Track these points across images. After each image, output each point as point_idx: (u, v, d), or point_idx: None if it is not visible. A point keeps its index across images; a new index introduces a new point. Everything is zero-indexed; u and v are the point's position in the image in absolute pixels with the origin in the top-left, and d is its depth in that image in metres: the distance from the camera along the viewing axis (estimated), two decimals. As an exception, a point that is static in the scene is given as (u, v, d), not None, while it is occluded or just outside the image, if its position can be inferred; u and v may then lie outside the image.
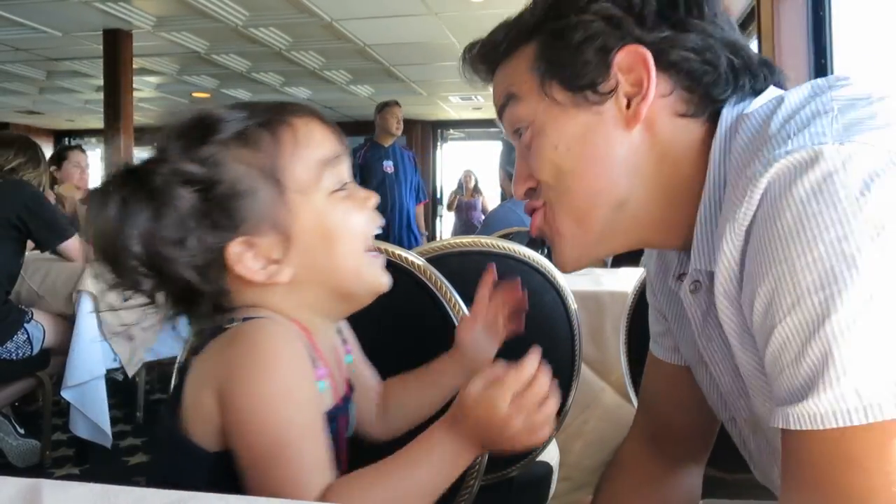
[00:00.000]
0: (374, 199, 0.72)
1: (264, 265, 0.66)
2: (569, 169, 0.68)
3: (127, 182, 0.64)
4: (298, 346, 0.64)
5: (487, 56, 0.77)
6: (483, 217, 7.59)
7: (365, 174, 4.70)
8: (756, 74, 0.68)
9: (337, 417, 0.71)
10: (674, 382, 0.87)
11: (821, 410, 0.50)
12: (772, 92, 0.68)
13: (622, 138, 0.67)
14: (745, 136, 0.63)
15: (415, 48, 6.35)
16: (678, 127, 0.67)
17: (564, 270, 0.75)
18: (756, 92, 0.67)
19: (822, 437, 0.50)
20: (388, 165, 4.80)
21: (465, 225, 8.30)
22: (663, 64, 0.65)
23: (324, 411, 0.67)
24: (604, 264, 3.70)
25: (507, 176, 3.33)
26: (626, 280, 1.83)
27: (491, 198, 8.36)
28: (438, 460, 0.64)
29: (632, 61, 0.65)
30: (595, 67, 0.66)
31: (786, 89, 0.68)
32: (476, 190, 8.59)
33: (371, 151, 4.86)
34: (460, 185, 8.74)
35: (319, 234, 0.67)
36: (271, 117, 0.68)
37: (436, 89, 8.32)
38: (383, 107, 4.91)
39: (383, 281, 0.72)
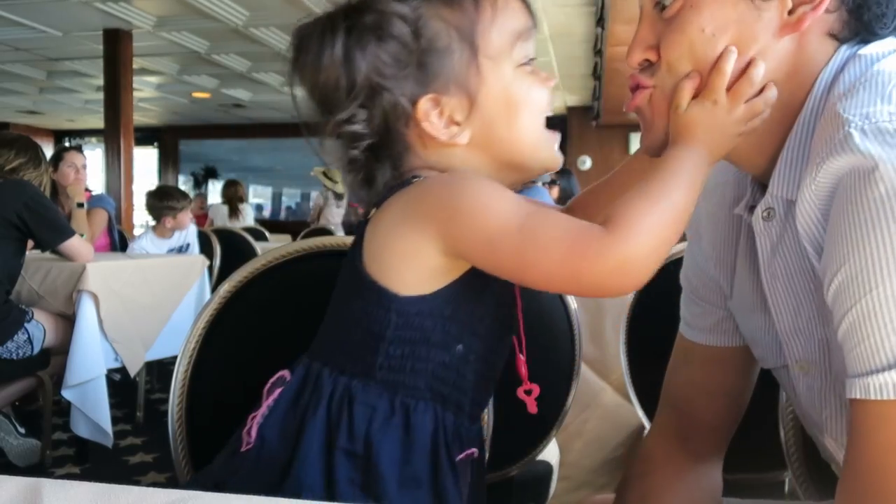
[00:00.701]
0: (554, 80, 0.73)
1: (447, 125, 0.67)
2: (705, 58, 0.64)
3: (349, 15, 0.67)
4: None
5: None
6: None
7: None
8: None
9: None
10: (706, 367, 0.87)
11: None
12: (891, 40, 0.65)
13: (769, 43, 0.64)
14: (851, 76, 0.61)
15: (415, 48, 6.35)
16: (822, 47, 0.64)
17: (653, 150, 0.70)
18: (887, 32, 0.65)
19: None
20: None
21: None
22: None
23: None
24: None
25: None
26: (626, 280, 1.83)
27: None
28: (687, 179, 0.63)
29: None
30: None
31: None
32: None
33: None
34: None
35: (504, 103, 0.68)
36: None
37: (436, 89, 8.33)
38: None
39: (558, 158, 0.73)
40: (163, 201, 3.89)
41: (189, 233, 3.98)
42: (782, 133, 0.65)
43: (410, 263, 0.65)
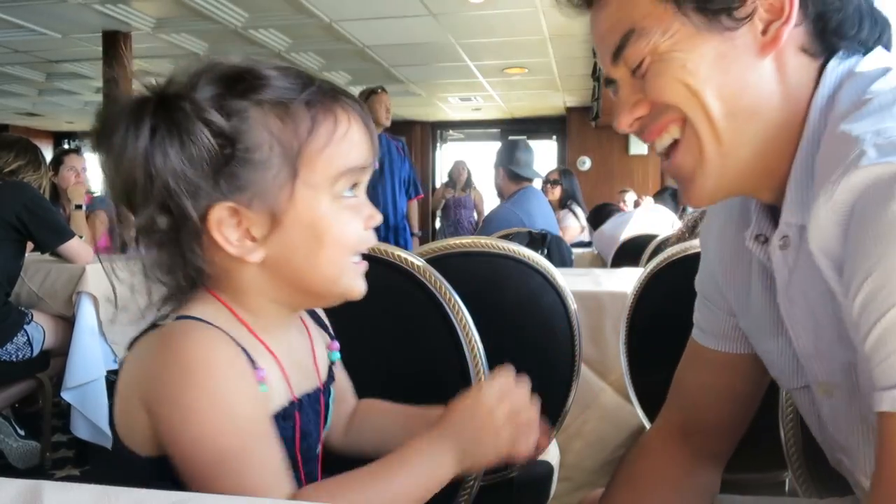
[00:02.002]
0: (377, 219, 0.68)
1: (240, 238, 0.62)
2: (701, 86, 0.64)
3: (156, 110, 0.61)
4: (228, 350, 0.61)
5: None
6: (475, 217, 7.07)
7: None
8: (877, 22, 0.66)
9: (297, 412, 0.68)
10: (716, 372, 0.86)
11: None
12: (879, 53, 0.66)
13: (754, 65, 0.64)
14: (850, 95, 0.62)
15: (414, 49, 6.35)
16: (800, 63, 0.65)
17: (701, 204, 0.71)
18: (866, 48, 0.66)
19: None
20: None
21: (453, 226, 7.07)
22: None
23: (271, 412, 0.64)
24: (603, 264, 3.71)
25: (507, 174, 3.33)
26: (625, 280, 1.83)
27: (487, 195, 7.32)
28: (418, 471, 0.63)
29: None
30: None
31: (889, 48, 0.68)
32: (468, 184, 7.28)
33: None
34: (451, 179, 7.37)
35: (309, 234, 0.64)
36: (318, 99, 0.64)
37: (435, 90, 8.32)
38: (369, 94, 4.26)
39: (359, 289, 0.68)
40: None
41: None
42: (787, 159, 0.66)
43: (129, 420, 0.62)
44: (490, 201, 6.96)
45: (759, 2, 0.63)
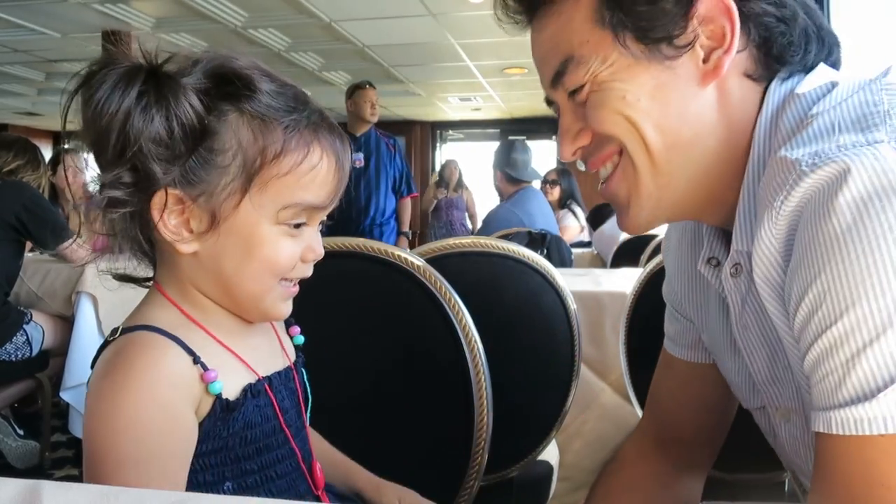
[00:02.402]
0: (317, 254, 0.69)
1: (178, 226, 0.64)
2: (640, 119, 0.63)
3: (148, 77, 0.62)
4: (169, 369, 0.62)
5: (530, 3, 0.70)
6: (467, 218, 6.87)
7: None
8: (823, 42, 0.65)
9: (268, 388, 0.69)
10: (687, 382, 0.86)
11: (870, 415, 0.49)
12: (822, 71, 0.65)
13: (695, 94, 0.63)
14: (792, 118, 0.61)
15: (414, 49, 6.35)
16: (743, 89, 0.64)
17: (635, 231, 0.71)
18: (807, 68, 0.65)
19: (866, 443, 0.49)
20: (358, 159, 4.06)
21: (445, 227, 6.73)
22: (742, 15, 0.62)
23: (234, 394, 0.66)
24: (603, 264, 3.71)
25: (504, 177, 3.33)
26: (625, 280, 1.83)
27: (478, 195, 7.22)
28: None
29: (714, 12, 0.61)
30: (673, 18, 0.62)
31: (838, 66, 0.67)
32: (460, 185, 6.94)
33: None
34: (442, 179, 6.99)
35: (241, 245, 0.65)
36: (298, 127, 0.65)
37: (435, 90, 8.32)
38: (354, 90, 4.13)
39: (281, 312, 0.70)
40: None
41: None
42: (733, 186, 0.65)
43: None
44: (484, 202, 6.81)
45: (699, 30, 0.62)
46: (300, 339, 0.80)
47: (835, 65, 0.67)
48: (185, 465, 0.63)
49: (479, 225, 5.83)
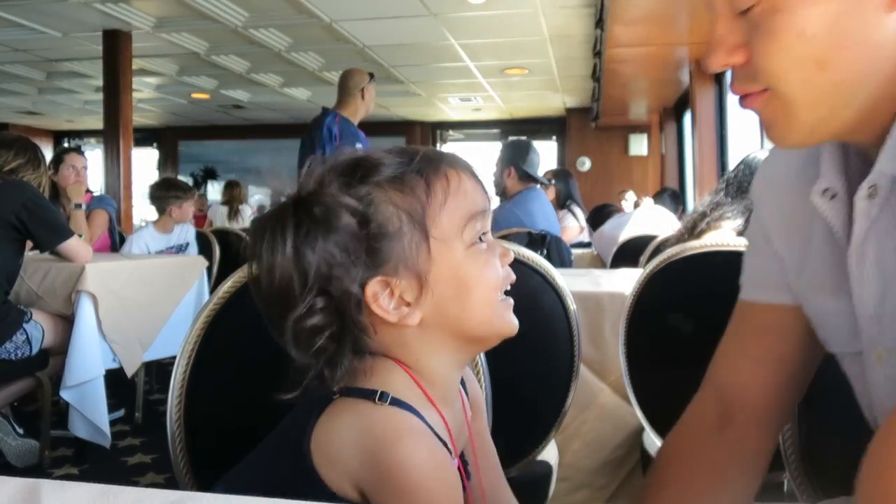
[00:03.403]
0: (511, 255, 0.73)
1: (397, 306, 0.67)
2: (814, 59, 0.58)
3: (297, 210, 0.66)
4: (441, 459, 0.65)
5: None
6: None
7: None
8: None
9: (461, 469, 0.72)
10: (762, 334, 0.80)
11: None
12: None
13: (881, 22, 0.57)
14: None
15: (414, 49, 6.35)
16: None
17: (786, 146, 0.66)
18: None
19: None
20: (363, 145, 3.58)
21: None
22: None
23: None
24: (603, 265, 3.71)
25: (518, 173, 3.31)
26: (624, 281, 1.83)
27: None
28: None
29: None
30: None
31: None
32: None
33: (346, 127, 3.60)
34: None
35: (455, 284, 0.68)
36: (426, 166, 0.69)
37: (435, 90, 8.32)
38: (371, 78, 3.78)
39: (512, 325, 0.73)
40: (169, 191, 3.93)
41: (188, 232, 3.99)
42: (887, 104, 0.60)
43: (342, 478, 0.65)
44: None
45: None
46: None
47: None
48: None
49: None
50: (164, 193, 3.92)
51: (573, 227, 4.81)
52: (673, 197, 5.44)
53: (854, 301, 0.67)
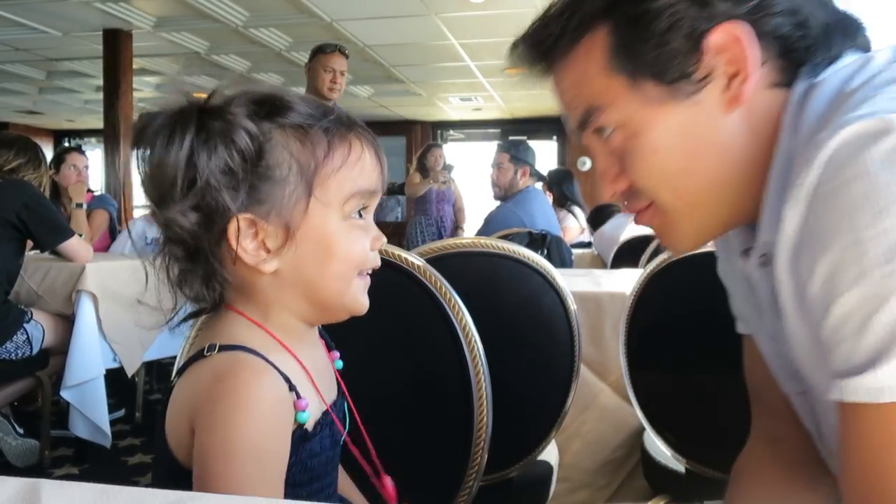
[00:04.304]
0: (383, 240, 0.73)
1: (256, 249, 0.66)
2: (675, 169, 0.64)
3: (200, 115, 0.66)
4: (275, 391, 0.64)
5: (545, 52, 0.69)
6: (454, 216, 5.86)
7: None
8: (846, 31, 0.64)
9: (329, 423, 0.71)
10: (760, 358, 0.81)
11: (880, 384, 0.49)
12: (849, 58, 0.63)
13: (724, 123, 0.63)
14: (819, 104, 0.60)
15: (414, 49, 6.35)
16: (769, 99, 0.63)
17: (683, 251, 0.72)
18: (832, 59, 0.63)
19: (881, 411, 0.50)
20: None
21: (434, 225, 5.55)
22: (756, 35, 0.60)
23: (310, 426, 0.68)
24: (603, 265, 3.71)
25: (531, 172, 3.32)
26: (624, 281, 1.83)
27: (477, 196, 5.97)
28: None
29: (725, 41, 0.60)
30: (686, 55, 0.61)
31: (869, 47, 0.65)
32: (447, 174, 5.59)
33: None
34: (423, 167, 5.53)
35: (319, 247, 0.68)
36: (335, 127, 0.69)
37: (435, 90, 8.32)
38: (314, 54, 3.24)
39: (363, 304, 0.73)
40: None
41: None
42: (758, 188, 0.64)
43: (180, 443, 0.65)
44: (474, 197, 6.13)
45: (715, 60, 0.61)
46: (339, 364, 0.81)
47: (865, 47, 0.66)
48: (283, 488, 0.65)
49: (465, 219, 5.69)
50: None
51: (573, 227, 4.80)
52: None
53: (788, 350, 0.69)
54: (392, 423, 1.07)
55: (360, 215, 0.70)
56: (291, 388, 0.65)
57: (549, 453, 1.41)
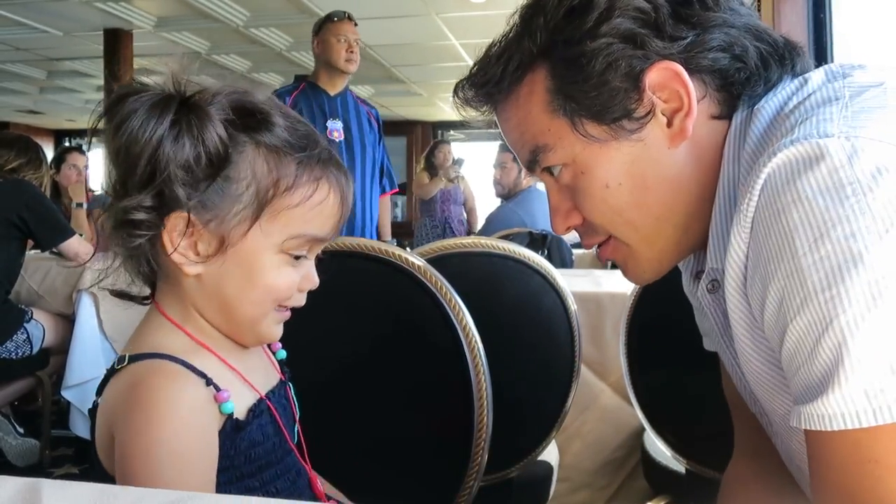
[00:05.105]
0: (313, 285, 0.71)
1: (185, 249, 0.66)
2: (625, 204, 0.65)
3: (181, 105, 0.65)
4: (189, 396, 0.64)
5: (488, 95, 0.71)
6: (464, 215, 5.70)
7: None
8: (783, 59, 0.65)
9: (270, 406, 0.71)
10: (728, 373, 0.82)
11: (830, 411, 0.49)
12: (787, 84, 0.65)
13: (669, 157, 0.64)
14: (757, 130, 0.61)
15: (415, 49, 6.35)
16: (712, 129, 0.65)
17: (645, 282, 0.73)
18: (771, 86, 0.65)
19: (837, 438, 0.50)
20: (336, 129, 2.74)
21: (440, 226, 5.32)
22: (693, 70, 0.62)
23: (242, 413, 0.68)
24: (604, 265, 3.71)
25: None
26: (625, 281, 1.83)
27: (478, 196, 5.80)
28: None
29: (664, 78, 0.62)
30: (625, 94, 0.62)
31: (809, 70, 0.66)
32: (456, 173, 5.39)
33: (307, 100, 2.73)
34: (431, 166, 5.34)
35: (246, 270, 0.67)
36: (309, 163, 0.67)
37: (436, 90, 8.32)
38: (322, 24, 2.88)
39: (274, 335, 0.72)
40: None
41: None
42: (708, 212, 0.65)
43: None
44: (481, 196, 5.70)
45: (655, 97, 0.62)
46: (282, 354, 0.81)
47: (803, 71, 0.67)
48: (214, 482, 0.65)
49: (479, 219, 5.48)
50: None
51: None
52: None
53: (745, 374, 0.70)
54: (392, 423, 1.07)
55: (298, 256, 0.69)
56: (209, 383, 0.65)
57: (550, 453, 1.41)
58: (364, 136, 2.84)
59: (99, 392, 0.68)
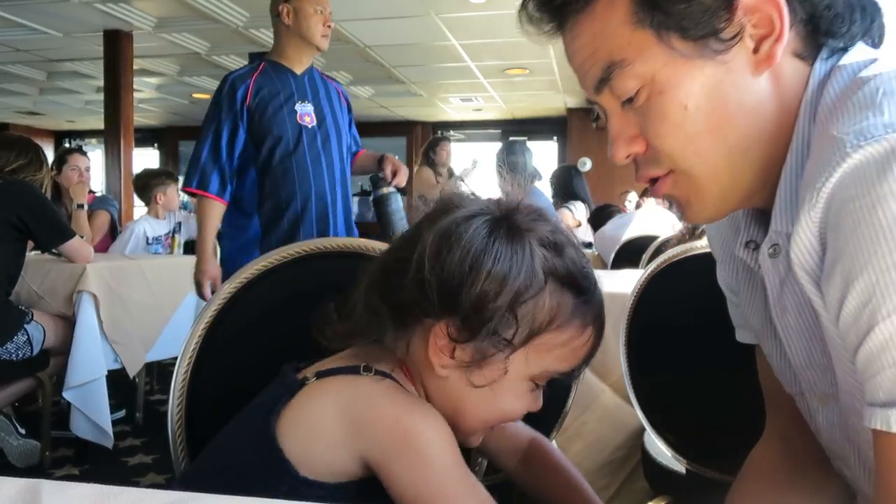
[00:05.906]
0: (536, 409, 0.73)
1: (444, 348, 0.67)
2: (701, 130, 0.61)
3: (507, 229, 0.67)
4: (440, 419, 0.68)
5: (558, 9, 0.65)
6: None
7: (254, 130, 2.29)
8: (865, 10, 0.63)
9: None
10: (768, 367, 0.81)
11: None
12: (862, 47, 0.63)
13: (752, 86, 0.61)
14: (834, 92, 0.59)
15: (415, 49, 6.35)
16: (795, 69, 0.62)
17: (705, 221, 0.70)
18: (851, 41, 0.63)
19: None
20: (306, 112, 2.34)
21: None
22: None
23: None
24: (604, 265, 3.71)
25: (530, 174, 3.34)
26: (625, 281, 1.83)
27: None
28: None
29: (757, 1, 0.59)
30: (715, 13, 0.59)
31: (883, 32, 0.65)
32: (454, 172, 5.13)
33: (270, 82, 2.31)
34: (431, 162, 5.09)
35: (494, 390, 0.68)
36: (589, 304, 0.70)
37: (436, 91, 8.32)
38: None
39: (471, 444, 0.74)
40: (151, 179, 3.98)
41: (179, 213, 4.08)
42: (777, 164, 0.63)
43: (325, 457, 0.66)
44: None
45: (745, 20, 0.60)
46: None
47: (879, 31, 0.65)
48: None
49: None
50: (149, 181, 3.97)
51: (567, 220, 4.75)
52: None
53: (786, 348, 0.69)
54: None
55: (537, 384, 0.71)
56: None
57: (550, 454, 1.41)
58: (338, 119, 2.42)
59: (275, 398, 0.69)
